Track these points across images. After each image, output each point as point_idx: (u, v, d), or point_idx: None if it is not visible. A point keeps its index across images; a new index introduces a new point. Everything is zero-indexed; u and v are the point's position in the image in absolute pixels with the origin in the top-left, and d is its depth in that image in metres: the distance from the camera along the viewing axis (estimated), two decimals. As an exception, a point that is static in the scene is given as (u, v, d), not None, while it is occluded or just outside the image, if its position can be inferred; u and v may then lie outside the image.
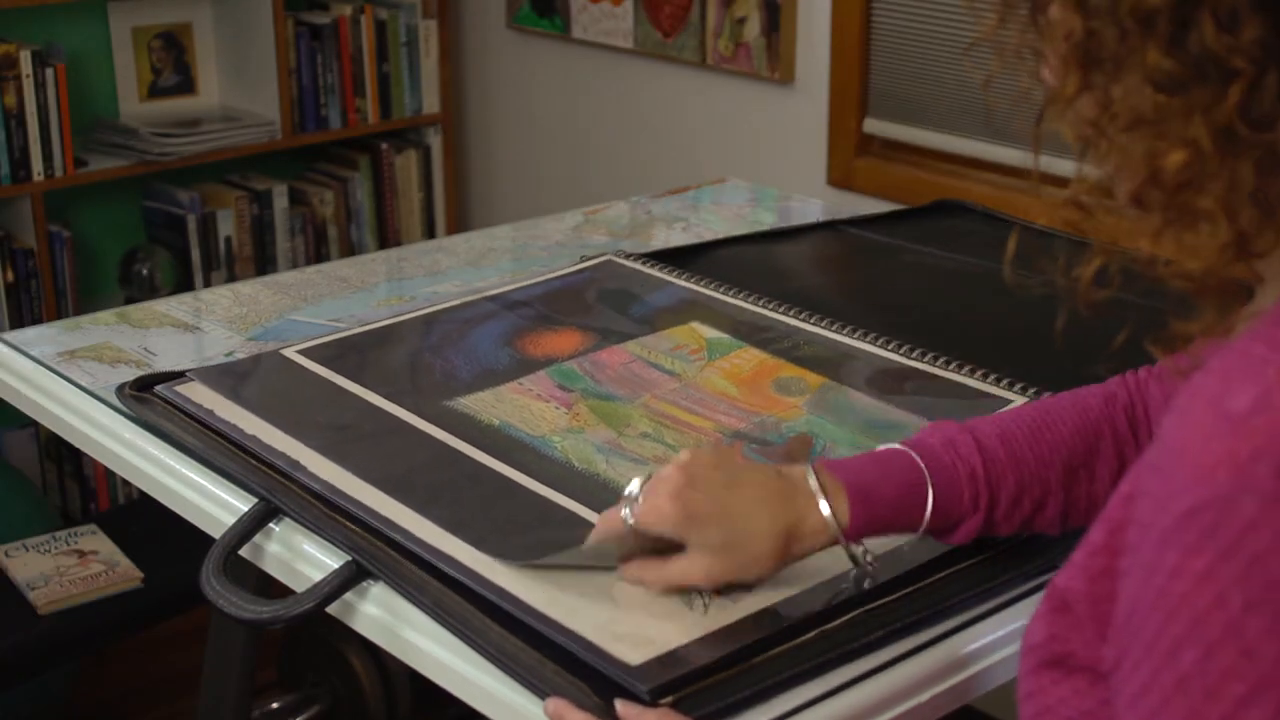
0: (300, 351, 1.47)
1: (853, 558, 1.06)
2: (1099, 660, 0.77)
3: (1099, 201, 0.80)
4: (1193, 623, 0.65)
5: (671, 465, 1.04)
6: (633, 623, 1.03)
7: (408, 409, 1.34)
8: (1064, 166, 0.84)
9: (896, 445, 1.08)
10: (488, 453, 1.26)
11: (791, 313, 1.55)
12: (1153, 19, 0.71)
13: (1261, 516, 0.63)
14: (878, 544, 1.09)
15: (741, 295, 1.59)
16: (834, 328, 1.51)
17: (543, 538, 1.12)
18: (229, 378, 1.40)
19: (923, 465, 1.05)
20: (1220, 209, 0.72)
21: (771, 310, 1.56)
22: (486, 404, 1.36)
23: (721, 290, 1.61)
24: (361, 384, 1.39)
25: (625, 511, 1.03)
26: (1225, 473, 0.64)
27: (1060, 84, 0.77)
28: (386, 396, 1.36)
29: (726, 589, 1.06)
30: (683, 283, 1.64)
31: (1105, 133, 0.76)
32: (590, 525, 1.10)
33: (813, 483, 1.03)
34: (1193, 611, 0.65)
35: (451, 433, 1.30)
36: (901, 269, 1.78)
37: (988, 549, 1.13)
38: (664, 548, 1.05)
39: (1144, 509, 0.70)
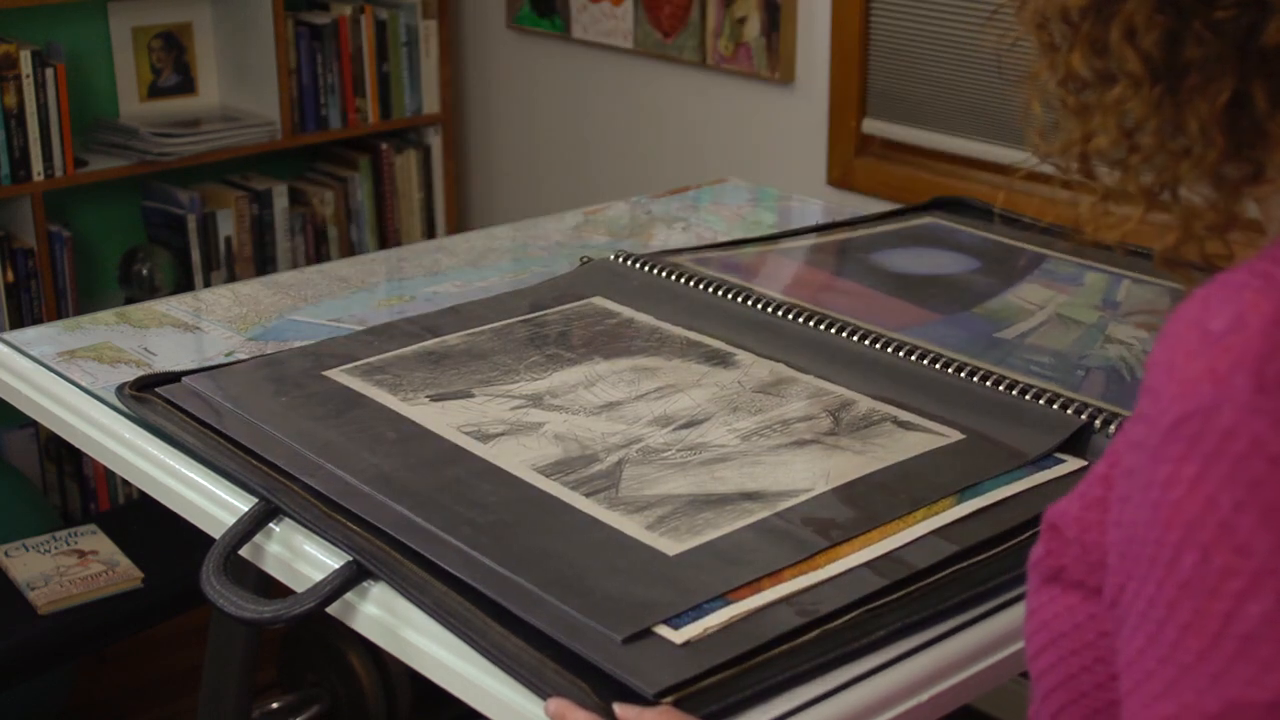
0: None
1: None
2: (1087, 576, 0.81)
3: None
4: (1188, 528, 0.69)
5: None
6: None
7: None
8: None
9: None
10: None
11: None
12: (1074, 20, 0.78)
13: (1240, 423, 0.68)
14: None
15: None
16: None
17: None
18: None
19: None
20: (1140, 195, 0.80)
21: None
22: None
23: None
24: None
25: None
26: (1206, 385, 0.69)
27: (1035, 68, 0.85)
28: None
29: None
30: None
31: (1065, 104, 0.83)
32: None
33: None
34: (1186, 517, 0.69)
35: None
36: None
37: (987, 549, 1.13)
38: None
39: (1138, 430, 0.74)
